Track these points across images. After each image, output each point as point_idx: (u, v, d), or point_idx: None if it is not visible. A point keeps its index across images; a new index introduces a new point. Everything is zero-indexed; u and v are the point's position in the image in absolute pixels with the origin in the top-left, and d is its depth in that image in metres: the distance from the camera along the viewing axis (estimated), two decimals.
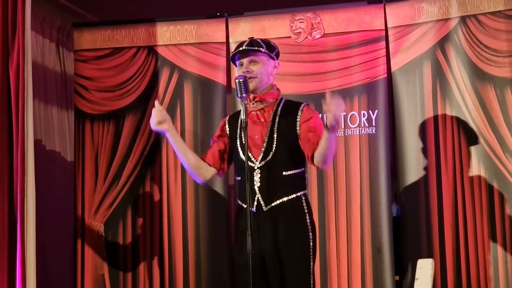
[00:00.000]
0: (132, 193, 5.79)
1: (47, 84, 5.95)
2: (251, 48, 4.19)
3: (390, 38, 5.55)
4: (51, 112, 5.98)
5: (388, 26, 5.56)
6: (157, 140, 5.79)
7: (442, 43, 5.41)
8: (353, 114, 5.58)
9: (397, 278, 5.47)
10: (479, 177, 5.27)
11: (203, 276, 5.67)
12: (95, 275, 5.75)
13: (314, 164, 4.13)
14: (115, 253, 5.78)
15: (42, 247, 5.50)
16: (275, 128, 4.16)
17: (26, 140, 4.85)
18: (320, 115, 4.53)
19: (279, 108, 4.21)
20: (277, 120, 4.18)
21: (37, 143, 5.53)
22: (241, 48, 4.21)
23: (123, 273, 5.77)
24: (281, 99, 4.27)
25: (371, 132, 5.54)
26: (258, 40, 4.25)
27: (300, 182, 4.18)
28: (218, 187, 5.68)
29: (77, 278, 5.75)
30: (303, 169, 4.21)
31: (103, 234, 5.75)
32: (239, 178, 4.24)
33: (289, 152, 4.14)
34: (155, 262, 5.75)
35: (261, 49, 4.19)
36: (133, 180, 5.78)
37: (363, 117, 5.56)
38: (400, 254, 5.45)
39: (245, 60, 4.20)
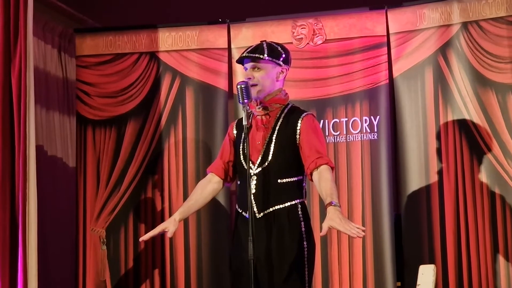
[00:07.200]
0: (134, 199, 5.78)
1: (49, 90, 5.96)
2: (250, 55, 4.10)
3: (392, 44, 5.55)
4: (53, 117, 5.99)
5: (390, 32, 5.56)
6: (159, 146, 5.79)
7: (444, 49, 5.41)
8: (355, 120, 5.58)
9: (398, 284, 5.46)
10: (481, 182, 5.26)
11: (204, 283, 5.66)
12: (97, 281, 5.74)
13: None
14: (116, 259, 5.78)
15: (44, 252, 5.50)
16: (275, 135, 4.08)
17: (28, 146, 4.85)
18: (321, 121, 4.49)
19: (282, 115, 4.12)
20: (277, 127, 4.09)
21: (39, 149, 5.53)
22: (243, 54, 4.12)
23: (125, 279, 5.76)
24: (288, 104, 4.17)
25: (373, 138, 5.54)
26: (264, 45, 4.13)
27: (296, 191, 4.07)
28: (220, 195, 5.64)
29: (78, 284, 5.74)
30: (301, 177, 4.09)
31: (105, 240, 5.75)
32: (239, 182, 4.19)
33: (287, 159, 4.04)
34: (157, 268, 5.73)
35: (260, 56, 4.08)
36: (135, 186, 5.77)
37: (365, 123, 5.55)
38: (401, 260, 5.44)
39: (249, 66, 4.13)
